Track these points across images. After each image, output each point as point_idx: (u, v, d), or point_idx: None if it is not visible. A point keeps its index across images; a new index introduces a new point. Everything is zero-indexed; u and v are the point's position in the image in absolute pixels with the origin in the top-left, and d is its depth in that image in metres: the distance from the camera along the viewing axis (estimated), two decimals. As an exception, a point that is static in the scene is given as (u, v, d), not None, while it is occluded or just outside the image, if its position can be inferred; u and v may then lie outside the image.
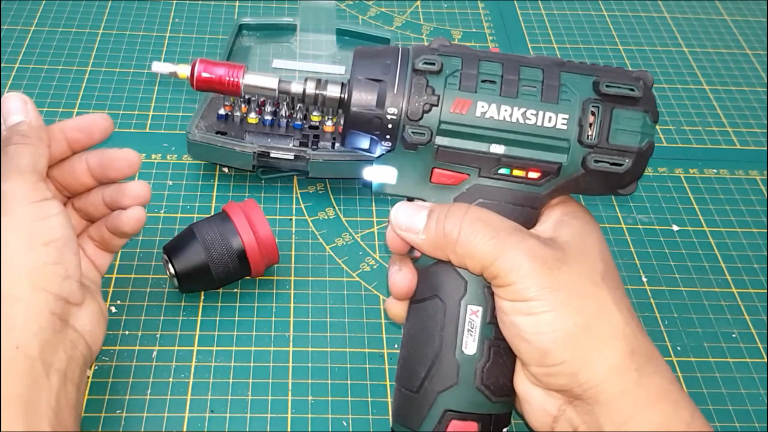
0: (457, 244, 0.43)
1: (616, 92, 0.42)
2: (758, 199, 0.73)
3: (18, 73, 0.79)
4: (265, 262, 0.60)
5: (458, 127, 0.43)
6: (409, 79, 0.42)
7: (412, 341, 0.46)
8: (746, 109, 0.83)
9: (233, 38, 0.78)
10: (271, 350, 0.58)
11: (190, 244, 0.58)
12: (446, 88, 0.42)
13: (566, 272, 0.42)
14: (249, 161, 0.66)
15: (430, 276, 0.45)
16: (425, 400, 0.44)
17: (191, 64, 0.46)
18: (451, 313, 0.44)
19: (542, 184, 0.44)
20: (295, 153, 0.66)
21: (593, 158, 0.42)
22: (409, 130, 0.42)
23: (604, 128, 0.42)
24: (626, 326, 0.42)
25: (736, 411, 0.57)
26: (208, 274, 0.58)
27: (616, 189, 0.45)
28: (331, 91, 0.45)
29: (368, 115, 0.43)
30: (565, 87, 0.42)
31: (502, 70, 0.42)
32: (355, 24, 0.86)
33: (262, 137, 0.68)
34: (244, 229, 0.58)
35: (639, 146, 0.42)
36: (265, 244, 0.59)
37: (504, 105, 0.42)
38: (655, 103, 0.43)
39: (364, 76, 0.43)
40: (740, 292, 0.65)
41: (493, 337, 0.44)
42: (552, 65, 0.43)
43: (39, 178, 0.46)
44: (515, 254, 0.42)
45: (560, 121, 0.42)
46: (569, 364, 0.41)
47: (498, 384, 0.44)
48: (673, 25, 0.94)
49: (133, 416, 0.53)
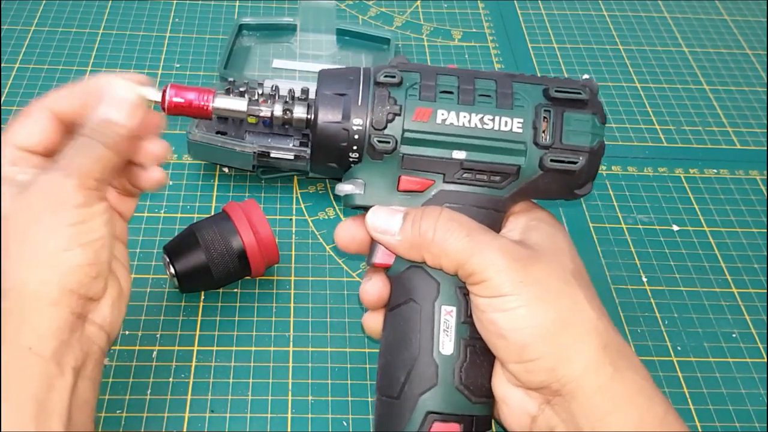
0: (433, 244, 0.44)
1: (565, 96, 0.45)
2: (758, 199, 0.73)
3: (18, 73, 0.79)
4: (265, 262, 0.60)
5: (421, 135, 0.45)
6: (372, 92, 0.45)
7: (390, 348, 0.46)
8: (746, 109, 0.83)
9: (233, 38, 0.78)
10: (271, 350, 0.58)
11: (191, 244, 0.58)
12: (407, 98, 0.45)
13: (539, 269, 0.43)
14: (249, 161, 0.66)
15: (403, 282, 0.46)
16: (407, 405, 0.45)
17: (162, 90, 0.46)
18: (426, 314, 0.45)
19: (504, 186, 0.46)
20: (295, 153, 0.66)
21: (549, 158, 0.45)
22: (374, 139, 0.44)
23: (557, 130, 0.45)
24: (599, 322, 0.43)
25: (736, 411, 0.57)
26: (208, 274, 0.58)
27: (573, 190, 0.46)
28: (298, 112, 0.47)
29: (335, 128, 0.45)
30: (518, 94, 0.45)
31: (458, 82, 0.45)
32: (355, 24, 0.86)
33: (262, 137, 0.68)
34: (245, 229, 0.58)
35: (591, 145, 0.45)
36: (266, 244, 0.59)
37: (462, 112, 0.44)
38: (601, 107, 0.46)
39: (329, 91, 0.45)
40: (740, 292, 0.65)
41: (468, 337, 0.45)
42: (504, 77, 0.46)
43: (93, 184, 0.43)
44: (489, 251, 0.43)
45: (516, 125, 0.45)
46: (547, 359, 0.42)
47: (477, 384, 0.45)
48: (673, 25, 0.94)
49: (133, 416, 0.53)
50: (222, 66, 0.75)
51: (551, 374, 0.42)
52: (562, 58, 0.87)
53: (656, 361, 0.59)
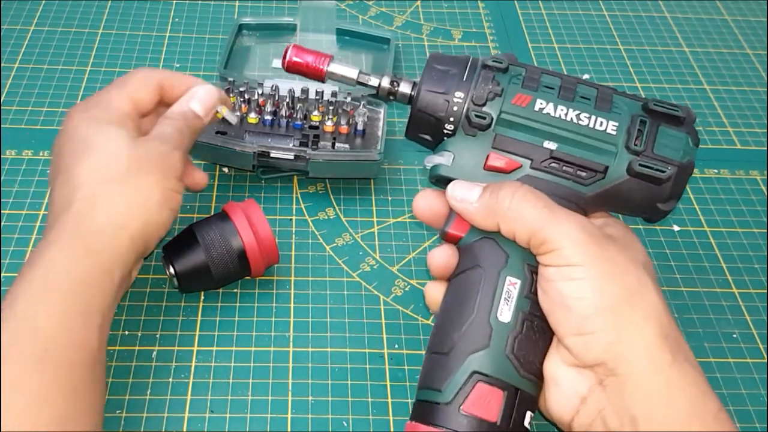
0: (509, 209, 0.45)
1: (663, 110, 0.46)
2: (759, 199, 0.73)
3: (18, 73, 0.78)
4: (265, 262, 0.59)
5: (517, 119, 0.47)
6: (478, 72, 0.47)
7: (448, 309, 0.47)
8: (746, 109, 0.83)
9: (233, 38, 0.78)
10: (271, 350, 0.58)
11: (190, 244, 0.58)
12: (510, 84, 0.47)
13: (612, 249, 0.44)
14: (249, 161, 0.66)
15: (472, 250, 0.47)
16: (455, 361, 0.45)
17: (284, 49, 0.51)
18: (490, 279, 0.46)
19: (589, 184, 0.47)
20: (295, 153, 0.66)
21: (638, 162, 0.46)
22: (472, 113, 0.47)
23: (650, 139, 0.46)
24: (663, 311, 0.44)
25: (736, 411, 0.57)
26: (208, 274, 0.58)
27: (655, 203, 0.47)
28: (404, 87, 0.49)
29: (436, 98, 0.47)
30: (617, 103, 0.47)
31: (561, 83, 0.47)
32: (355, 24, 0.86)
33: (262, 137, 0.68)
34: (244, 229, 0.58)
35: (681, 160, 0.46)
36: (265, 244, 0.59)
37: (561, 105, 0.47)
38: (696, 132, 0.47)
39: (438, 65, 0.48)
40: (741, 292, 0.65)
41: (528, 311, 0.45)
42: (606, 88, 0.48)
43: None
44: (566, 223, 0.44)
45: (611, 126, 0.46)
46: (607, 333, 0.42)
47: (528, 359, 0.45)
48: (673, 25, 0.94)
49: (133, 416, 0.53)
50: (222, 66, 0.75)
51: (609, 349, 0.42)
52: (562, 58, 0.87)
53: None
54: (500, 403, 0.44)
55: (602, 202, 0.47)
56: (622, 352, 0.42)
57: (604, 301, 0.43)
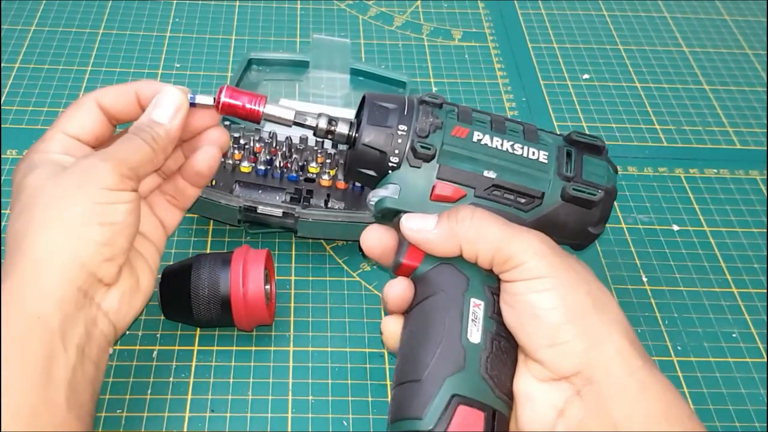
0: (471, 229, 0.45)
1: (585, 141, 0.50)
2: (758, 199, 0.73)
3: (18, 73, 0.79)
4: (249, 322, 0.56)
5: (458, 149, 0.48)
6: (417, 107, 0.49)
7: (415, 336, 0.46)
8: (746, 109, 0.83)
9: (241, 73, 0.75)
10: (272, 350, 0.58)
11: (183, 277, 0.55)
12: (447, 117, 0.49)
13: (572, 260, 0.46)
14: (234, 216, 0.61)
15: (430, 278, 0.47)
16: (431, 385, 0.44)
17: (218, 90, 0.50)
18: (455, 302, 0.46)
19: (528, 210, 0.48)
20: (284, 210, 0.61)
21: (572, 187, 0.48)
22: (418, 144, 0.47)
23: (578, 166, 0.49)
24: (625, 318, 0.45)
25: (736, 411, 0.57)
26: (190, 314, 0.56)
27: (587, 226, 0.49)
28: (342, 128, 0.50)
29: (380, 131, 0.48)
30: (543, 137, 0.50)
31: (490, 119, 0.50)
32: (371, 65, 0.80)
33: (252, 189, 0.63)
34: (236, 281, 0.55)
35: (606, 185, 0.49)
36: (252, 304, 0.55)
37: (496, 137, 0.49)
38: (611, 161, 0.51)
39: (378, 102, 0.49)
40: (740, 292, 0.65)
41: (494, 331, 0.45)
42: (529, 125, 0.50)
43: (127, 171, 0.45)
44: (527, 238, 0.45)
45: (542, 155, 0.49)
46: (580, 340, 0.43)
47: (500, 378, 0.45)
48: (673, 25, 0.94)
49: (133, 416, 0.53)
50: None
51: (584, 356, 0.43)
52: (562, 58, 0.87)
53: (656, 361, 0.59)
54: (482, 425, 0.43)
55: (540, 227, 0.48)
56: (596, 358, 0.43)
57: (574, 310, 0.43)
